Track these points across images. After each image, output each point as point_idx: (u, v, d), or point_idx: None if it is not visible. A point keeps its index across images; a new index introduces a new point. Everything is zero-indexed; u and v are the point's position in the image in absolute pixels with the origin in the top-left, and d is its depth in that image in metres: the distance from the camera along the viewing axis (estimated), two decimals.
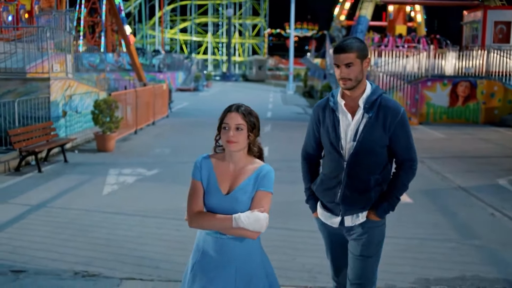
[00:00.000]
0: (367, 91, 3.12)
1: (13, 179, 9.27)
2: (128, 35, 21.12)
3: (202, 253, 2.74)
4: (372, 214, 3.17)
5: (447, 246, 6.02)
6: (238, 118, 2.71)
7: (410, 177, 3.22)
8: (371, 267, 3.26)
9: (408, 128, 3.16)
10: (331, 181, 3.20)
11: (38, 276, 4.98)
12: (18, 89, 11.89)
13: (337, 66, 3.06)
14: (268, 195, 2.72)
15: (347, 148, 3.12)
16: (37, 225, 6.67)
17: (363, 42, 3.12)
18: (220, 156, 2.82)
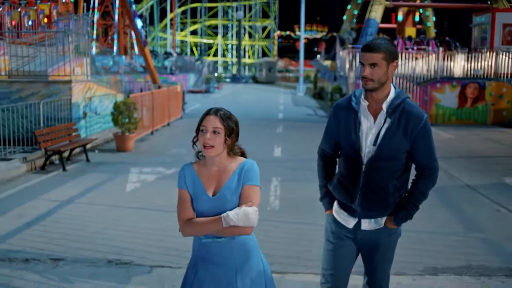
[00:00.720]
0: (391, 94, 3.08)
1: (40, 177, 9.73)
2: (142, 39, 21.57)
3: (202, 258, 2.77)
4: (390, 222, 3.16)
5: (454, 239, 6.40)
6: (216, 121, 2.69)
7: (429, 186, 3.17)
8: (387, 271, 3.33)
9: (430, 136, 3.10)
10: (349, 183, 3.17)
11: (75, 264, 5.42)
12: (42, 91, 12.39)
13: (362, 64, 3.02)
14: (254, 188, 2.71)
15: (366, 151, 3.09)
16: (68, 219, 7.12)
17: (393, 45, 3.05)
18: (202, 162, 2.82)
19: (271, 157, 11.99)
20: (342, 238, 3.26)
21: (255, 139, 14.61)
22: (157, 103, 16.02)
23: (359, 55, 3.11)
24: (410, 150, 3.09)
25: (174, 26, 59.69)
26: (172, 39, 58.98)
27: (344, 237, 3.25)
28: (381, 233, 3.18)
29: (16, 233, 6.43)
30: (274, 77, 59.40)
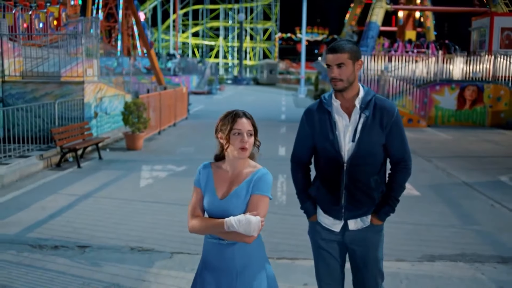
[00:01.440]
0: (361, 92, 3.16)
1: (56, 173, 10.20)
2: (148, 40, 22.04)
3: (205, 262, 2.83)
4: (375, 219, 3.20)
5: (450, 230, 6.87)
6: (249, 124, 2.76)
7: (406, 177, 3.26)
8: (379, 269, 3.32)
9: (402, 128, 3.20)
10: (330, 185, 3.20)
11: (101, 250, 5.89)
12: (55, 92, 12.85)
13: (329, 66, 3.10)
14: (263, 199, 2.71)
15: (346, 149, 3.13)
16: (88, 211, 7.58)
17: (356, 45, 3.16)
18: (220, 163, 2.85)
19: (276, 156, 12.45)
20: (329, 243, 3.29)
21: (260, 139, 15.07)
22: (164, 104, 16.48)
23: (325, 58, 3.18)
24: (386, 143, 3.16)
25: (177, 27, 60.13)
26: (174, 41, 59.45)
27: (332, 241, 3.28)
28: (369, 231, 3.21)
29: (42, 224, 6.90)
30: (275, 79, 59.94)
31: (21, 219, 7.07)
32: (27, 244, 6.07)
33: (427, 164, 11.76)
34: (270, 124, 19.64)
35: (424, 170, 11.02)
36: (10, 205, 7.80)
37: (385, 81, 20.30)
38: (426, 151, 13.52)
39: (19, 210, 7.55)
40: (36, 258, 5.63)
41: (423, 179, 9.95)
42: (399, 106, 19.76)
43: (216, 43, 78.26)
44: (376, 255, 3.25)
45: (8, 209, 7.59)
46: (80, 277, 5.13)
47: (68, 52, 14.57)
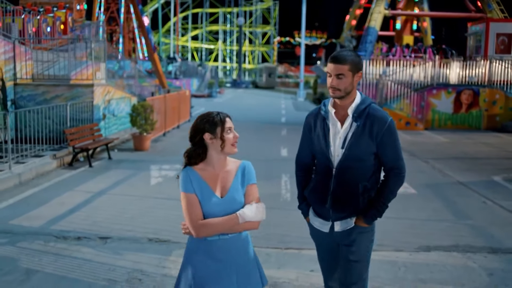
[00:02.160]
0: (356, 100, 3.26)
1: (69, 172, 10.65)
2: (152, 44, 22.51)
3: (201, 260, 2.87)
4: (360, 221, 3.28)
5: (444, 225, 7.35)
6: (231, 122, 2.94)
7: (397, 184, 3.32)
8: (361, 271, 3.39)
9: (395, 137, 3.27)
10: (321, 187, 3.34)
11: (121, 241, 6.35)
12: (65, 94, 13.32)
13: (329, 75, 3.21)
14: (256, 187, 2.96)
15: (336, 155, 3.26)
16: (104, 207, 8.05)
17: (359, 56, 3.26)
18: (201, 166, 2.90)
19: (279, 157, 12.93)
20: (322, 242, 3.49)
21: (263, 141, 15.61)
22: (168, 106, 16.95)
23: (327, 66, 3.28)
24: (377, 151, 3.25)
25: (178, 31, 60.64)
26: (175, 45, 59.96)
27: (323, 240, 3.46)
28: (353, 232, 3.31)
29: (63, 218, 7.36)
30: (274, 82, 60.34)
31: (43, 214, 7.53)
32: (52, 235, 6.54)
33: (424, 165, 12.24)
34: (271, 127, 20.14)
35: (421, 170, 11.51)
36: (31, 201, 8.26)
37: (383, 85, 20.79)
38: (423, 153, 14.01)
39: (39, 205, 8.01)
40: (62, 247, 6.10)
41: (420, 179, 10.43)
42: (397, 109, 20.27)
43: (215, 47, 78.77)
44: (357, 255, 3.33)
45: (29, 204, 8.06)
46: (105, 263, 5.59)
47: (75, 56, 15.04)
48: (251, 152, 13.48)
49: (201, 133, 2.86)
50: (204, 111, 3.01)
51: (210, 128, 2.84)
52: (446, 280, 5.30)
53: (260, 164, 11.74)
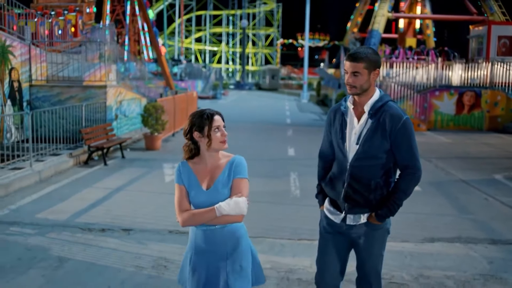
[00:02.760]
0: (374, 97, 3.31)
1: (85, 170, 11.06)
2: (159, 47, 22.95)
3: (196, 247, 3.05)
4: (372, 218, 3.36)
5: (447, 219, 7.75)
6: (221, 119, 3.02)
7: (411, 184, 3.34)
8: (376, 264, 3.52)
9: (411, 136, 3.28)
10: (337, 180, 3.43)
11: (144, 233, 6.75)
12: (79, 95, 13.74)
13: (346, 72, 3.29)
14: (244, 181, 2.99)
15: (351, 150, 3.32)
16: (123, 202, 8.45)
17: (376, 54, 3.30)
18: (195, 160, 3.06)
19: (286, 156, 13.33)
20: (332, 233, 3.51)
21: (270, 141, 16.03)
22: (177, 108, 17.36)
23: (344, 63, 3.35)
24: (392, 149, 3.29)
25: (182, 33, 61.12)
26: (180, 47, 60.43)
27: (335, 231, 3.50)
28: (366, 228, 3.39)
29: (86, 212, 7.76)
30: (277, 84, 60.84)
31: (66, 208, 7.93)
32: (78, 227, 6.94)
33: (428, 164, 12.62)
34: (277, 128, 20.55)
35: (424, 169, 11.70)
36: (53, 197, 8.67)
37: (387, 87, 21.19)
38: (427, 153, 14.39)
39: (62, 200, 8.42)
40: (89, 238, 6.50)
41: (423, 177, 10.60)
42: None
43: (218, 49, 79.25)
44: (371, 251, 3.44)
45: (52, 199, 8.47)
46: (131, 252, 5.99)
47: (86, 58, 15.46)
48: (258, 152, 13.91)
49: (191, 131, 3.01)
50: None
51: (198, 127, 2.97)
52: (449, 267, 5.69)
53: (269, 163, 12.17)
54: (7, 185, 8.71)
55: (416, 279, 5.30)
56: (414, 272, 5.50)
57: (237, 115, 24.22)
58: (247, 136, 17.29)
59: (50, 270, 5.41)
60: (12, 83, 13.01)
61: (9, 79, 12.85)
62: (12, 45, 12.93)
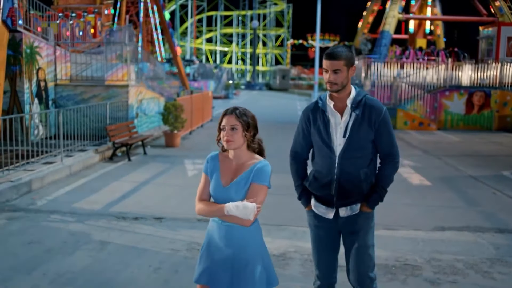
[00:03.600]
0: (353, 93, 3.47)
1: (111, 165, 11.62)
2: (175, 48, 23.52)
3: (209, 237, 3.12)
4: (364, 206, 3.51)
5: (457, 210, 8.23)
6: (233, 119, 3.03)
7: (393, 170, 3.56)
8: (372, 255, 3.59)
9: (390, 126, 3.51)
10: (324, 177, 3.49)
11: (175, 221, 7.29)
12: (102, 94, 14.32)
13: (326, 71, 3.39)
14: (262, 188, 2.99)
15: (337, 144, 3.44)
16: (151, 194, 8.99)
17: (351, 52, 3.46)
18: (226, 154, 3.15)
19: None
20: (324, 229, 3.59)
21: (286, 139, 16.54)
22: (194, 107, 17.91)
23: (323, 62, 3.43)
24: (374, 139, 3.48)
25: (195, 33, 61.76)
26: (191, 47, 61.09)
27: (326, 228, 3.58)
28: (359, 218, 3.53)
29: (117, 202, 8.31)
30: (288, 84, 61.33)
31: (99, 199, 8.49)
32: (112, 216, 7.49)
33: (438, 161, 13.09)
34: (291, 127, 21.03)
35: (435, 166, 12.36)
36: (85, 189, 9.24)
37: (398, 87, 21.64)
38: (437, 151, 14.86)
39: (93, 192, 8.98)
40: (124, 225, 7.05)
41: (434, 173, 11.30)
42: (410, 110, 21.11)
43: (229, 49, 79.85)
44: (366, 241, 3.55)
45: (84, 191, 9.03)
46: (165, 237, 6.53)
47: (106, 58, 16.04)
48: (276, 149, 14.41)
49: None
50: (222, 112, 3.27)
51: (218, 123, 3.13)
52: (458, 251, 6.18)
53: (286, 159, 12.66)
54: (42, 178, 9.28)
55: (429, 262, 5.80)
56: (426, 256, 6.00)
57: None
58: (263, 134, 17.73)
59: (95, 252, 5.96)
60: (39, 82, 13.61)
61: (37, 79, 13.45)
62: (39, 46, 13.53)
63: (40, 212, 7.64)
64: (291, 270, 5.51)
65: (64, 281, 5.10)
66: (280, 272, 5.46)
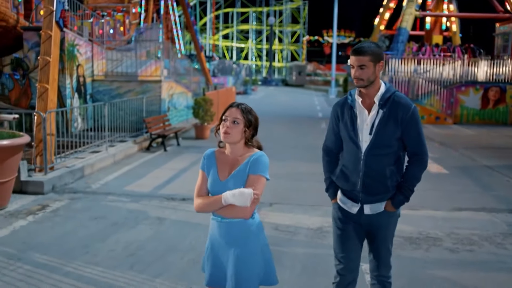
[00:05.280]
0: (382, 89, 3.42)
1: (149, 155, 12.50)
2: (200, 45, 24.39)
3: (211, 237, 3.12)
4: (389, 206, 3.48)
5: (473, 195, 9.00)
6: (237, 113, 2.99)
7: (420, 169, 3.50)
8: (390, 252, 3.65)
9: (418, 124, 3.44)
10: (351, 172, 3.49)
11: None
12: (136, 89, 15.22)
13: (352, 67, 3.37)
14: (259, 178, 2.96)
15: (364, 141, 3.42)
16: (192, 180, 9.68)
17: (379, 47, 3.42)
18: (223, 149, 3.15)
19: None
20: (348, 223, 3.58)
21: (308, 132, 17.39)
22: (220, 101, 18.76)
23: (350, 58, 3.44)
24: (402, 137, 3.42)
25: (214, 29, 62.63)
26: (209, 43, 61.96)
27: (350, 222, 3.57)
28: (382, 216, 3.52)
29: (163, 186, 9.19)
30: (304, 80, 62.07)
31: (146, 183, 9.37)
32: (162, 197, 8.37)
33: (454, 153, 13.83)
34: (310, 121, 21.86)
35: (451, 156, 13.11)
36: (131, 175, 10.13)
37: (415, 82, 22.33)
38: (453, 143, 15.57)
39: (139, 178, 9.86)
40: (175, 204, 7.93)
41: (451, 163, 12.05)
42: (427, 105, 21.81)
43: (245, 45, 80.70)
44: (387, 234, 3.59)
45: (131, 177, 9.92)
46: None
47: (136, 55, 16.94)
48: (298, 141, 15.26)
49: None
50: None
51: (222, 114, 3.12)
52: (474, 227, 6.97)
53: (309, 150, 13.49)
54: (92, 165, 10.18)
55: (448, 235, 6.60)
56: (446, 230, 6.80)
57: (271, 109, 25.55)
58: (285, 127, 18.66)
59: (155, 226, 6.83)
60: (79, 78, 14.53)
61: (77, 75, 14.38)
62: (79, 44, 14.45)
63: (97, 193, 8.54)
64: (329, 240, 6.33)
65: (135, 247, 5.98)
66: (319, 242, 6.34)
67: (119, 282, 4.94)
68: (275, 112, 24.80)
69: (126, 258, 5.61)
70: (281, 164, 11.18)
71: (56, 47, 10.12)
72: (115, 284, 4.90)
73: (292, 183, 9.62)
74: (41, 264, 5.38)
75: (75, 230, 6.60)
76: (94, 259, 5.57)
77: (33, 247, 5.90)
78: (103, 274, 5.14)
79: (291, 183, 9.58)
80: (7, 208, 7.51)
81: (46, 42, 10.03)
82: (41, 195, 8.29)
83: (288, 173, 10.51)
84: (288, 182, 9.61)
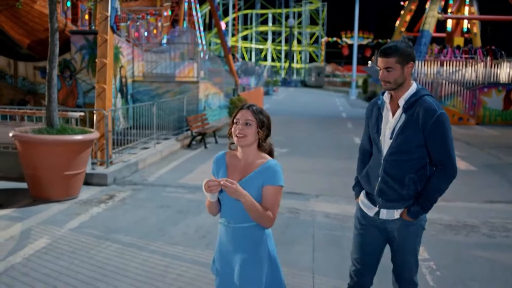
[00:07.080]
0: (410, 92, 3.25)
1: (191, 152, 13.28)
2: (228, 47, 25.21)
3: (219, 243, 3.06)
4: (405, 214, 3.30)
5: (502, 189, 9.66)
6: (248, 114, 2.88)
7: (443, 181, 3.24)
8: (408, 261, 3.45)
9: (445, 131, 3.18)
10: (372, 174, 3.40)
11: None
12: (174, 89, 16.01)
13: (379, 68, 3.25)
14: (275, 189, 2.87)
15: (385, 145, 3.29)
16: None
17: (409, 47, 3.24)
18: (234, 152, 3.02)
19: (353, 143, 15.30)
20: (367, 225, 3.48)
21: (337, 132, 18.08)
22: (251, 100, 19.54)
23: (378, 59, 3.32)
24: (426, 144, 3.22)
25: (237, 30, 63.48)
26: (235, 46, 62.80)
27: (369, 224, 3.47)
28: (398, 224, 3.35)
29: None
30: (322, 81, 62.73)
31: (196, 177, 10.13)
32: None
33: (480, 152, 14.44)
34: (335, 121, 22.55)
35: (478, 155, 13.74)
36: (180, 169, 10.90)
37: (438, 84, 22.93)
38: (478, 143, 16.16)
39: (189, 172, 10.63)
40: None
41: (478, 160, 12.68)
42: (450, 106, 22.37)
43: (264, 47, 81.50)
44: (406, 247, 3.40)
45: (181, 171, 10.69)
46: None
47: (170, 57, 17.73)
48: (326, 140, 15.98)
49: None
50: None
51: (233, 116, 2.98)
52: (508, 217, 7.64)
53: (338, 149, 14.23)
54: (144, 160, 10.98)
55: (484, 223, 7.28)
56: (481, 219, 7.47)
57: (295, 109, 26.31)
58: (313, 127, 19.38)
59: None
60: (121, 79, 15.36)
61: (119, 76, 15.20)
62: (122, 46, 15.27)
63: (155, 186, 9.32)
64: None
65: (204, 231, 6.73)
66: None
67: (202, 259, 5.69)
68: (300, 112, 25.51)
69: (200, 239, 6.37)
70: (318, 161, 11.89)
71: (111, 50, 10.94)
72: (199, 260, 5.65)
73: (332, 178, 10.33)
74: (128, 243, 6.15)
75: (146, 217, 7.36)
76: (172, 239, 6.34)
77: (115, 230, 6.67)
78: (185, 252, 5.90)
79: (331, 178, 10.29)
80: (79, 197, 8.30)
81: (103, 46, 10.86)
82: (105, 186, 9.08)
83: (323, 168, 11.21)
84: (328, 177, 10.33)
